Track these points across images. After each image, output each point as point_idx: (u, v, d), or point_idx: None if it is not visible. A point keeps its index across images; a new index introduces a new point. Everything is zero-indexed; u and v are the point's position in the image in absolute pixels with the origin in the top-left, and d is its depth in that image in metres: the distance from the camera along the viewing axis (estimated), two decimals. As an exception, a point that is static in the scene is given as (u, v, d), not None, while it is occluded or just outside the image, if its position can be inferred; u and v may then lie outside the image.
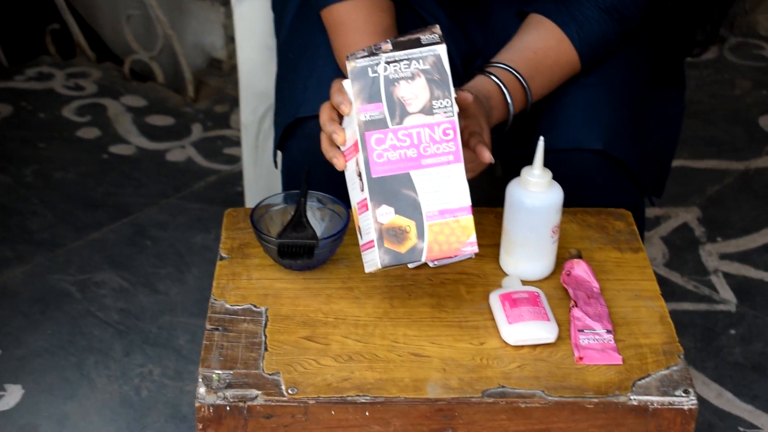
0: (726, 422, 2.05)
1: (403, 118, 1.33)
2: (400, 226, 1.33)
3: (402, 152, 1.33)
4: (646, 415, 1.33)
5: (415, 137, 1.33)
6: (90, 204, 2.61)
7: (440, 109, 1.33)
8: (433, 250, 1.34)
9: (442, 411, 1.32)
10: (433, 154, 1.33)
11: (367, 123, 1.33)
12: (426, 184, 1.33)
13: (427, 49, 1.33)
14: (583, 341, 1.38)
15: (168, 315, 2.27)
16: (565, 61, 1.63)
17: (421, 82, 1.33)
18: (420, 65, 1.32)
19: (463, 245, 1.35)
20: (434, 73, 1.33)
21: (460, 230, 1.34)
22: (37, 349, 2.16)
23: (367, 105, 1.32)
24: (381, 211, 1.34)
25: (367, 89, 1.32)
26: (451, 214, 1.34)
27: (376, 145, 1.33)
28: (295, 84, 1.69)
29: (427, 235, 1.34)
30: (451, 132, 1.33)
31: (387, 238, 1.34)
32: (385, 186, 1.33)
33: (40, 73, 3.18)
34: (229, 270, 1.50)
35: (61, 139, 2.87)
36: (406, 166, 1.33)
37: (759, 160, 2.86)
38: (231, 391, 1.31)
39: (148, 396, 2.07)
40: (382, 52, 1.33)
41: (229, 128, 2.95)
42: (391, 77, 1.32)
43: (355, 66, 1.33)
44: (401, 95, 1.32)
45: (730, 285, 2.40)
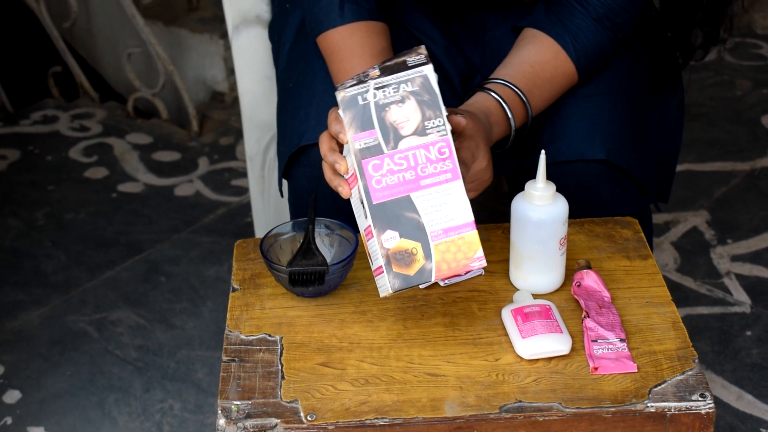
0: (747, 424, 2.05)
1: (398, 141, 1.34)
2: (406, 249, 1.34)
3: (400, 176, 1.34)
4: (664, 421, 1.33)
5: (411, 159, 1.34)
6: (102, 243, 2.63)
7: (433, 128, 1.34)
8: (442, 269, 1.35)
9: (461, 429, 1.32)
10: (431, 174, 1.34)
11: (362, 151, 1.34)
12: (427, 204, 1.34)
13: (414, 71, 1.34)
14: (597, 351, 1.39)
15: (185, 349, 2.28)
16: (563, 72, 1.64)
17: (411, 104, 1.34)
18: (409, 87, 1.34)
19: (471, 261, 1.36)
20: (423, 93, 1.34)
21: (466, 246, 1.35)
22: (58, 391, 2.18)
23: (361, 133, 1.34)
24: (386, 237, 1.35)
25: (359, 117, 1.34)
26: (455, 231, 1.35)
27: (374, 172, 1.34)
28: (296, 113, 1.70)
29: (434, 254, 1.34)
30: (446, 150, 1.35)
31: (395, 262, 1.35)
32: (387, 211, 1.34)
33: (45, 116, 3.20)
34: (242, 301, 1.51)
35: (70, 180, 2.89)
36: (406, 189, 1.34)
37: (764, 159, 2.87)
38: (251, 421, 1.32)
39: (170, 431, 2.08)
40: (370, 79, 1.35)
41: (235, 160, 2.97)
42: (381, 103, 1.34)
43: (344, 96, 1.34)
44: (393, 119, 1.34)
45: (743, 286, 2.41)
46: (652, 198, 1.74)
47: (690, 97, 3.12)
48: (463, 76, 1.75)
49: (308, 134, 1.65)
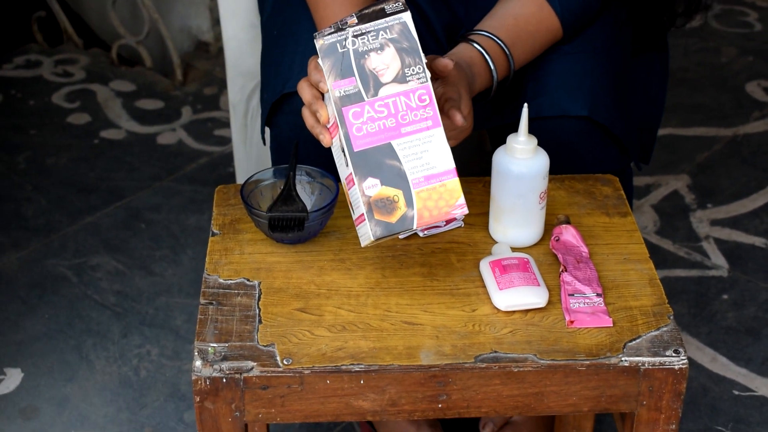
0: (721, 386, 2.07)
1: (378, 89, 1.34)
2: (387, 197, 1.35)
3: (381, 123, 1.34)
4: (637, 375, 1.34)
5: (392, 107, 1.34)
6: (83, 189, 2.62)
7: (413, 75, 1.34)
8: (423, 216, 1.35)
9: (436, 377, 1.33)
10: (412, 122, 1.34)
11: (342, 98, 1.34)
12: (408, 151, 1.34)
13: (392, 18, 1.34)
14: (574, 305, 1.40)
15: (164, 296, 2.28)
16: (546, 27, 1.64)
17: (390, 52, 1.34)
18: (387, 35, 1.34)
19: (453, 208, 1.36)
20: (402, 41, 1.34)
21: (447, 194, 1.35)
22: (36, 333, 2.18)
23: (341, 81, 1.34)
24: (367, 184, 1.35)
25: (339, 65, 1.33)
26: (436, 179, 1.35)
27: (354, 119, 1.34)
28: (279, 60, 1.70)
29: (416, 202, 1.35)
30: (426, 98, 1.35)
31: (376, 209, 1.35)
32: (368, 159, 1.34)
33: (28, 61, 3.18)
34: (221, 245, 1.51)
35: (52, 125, 2.88)
36: (387, 136, 1.34)
37: (747, 126, 2.88)
38: (227, 363, 1.32)
39: (147, 376, 2.08)
40: (348, 27, 1.34)
41: (218, 110, 2.96)
42: (361, 50, 1.33)
43: (323, 43, 1.34)
44: (372, 67, 1.34)
45: (721, 250, 2.42)
46: (633, 157, 1.74)
47: (675, 63, 3.13)
48: (447, 28, 1.75)
49: (291, 82, 1.65)
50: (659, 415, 1.38)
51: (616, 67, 1.71)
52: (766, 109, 2.95)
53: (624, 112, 1.70)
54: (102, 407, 2.02)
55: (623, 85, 1.72)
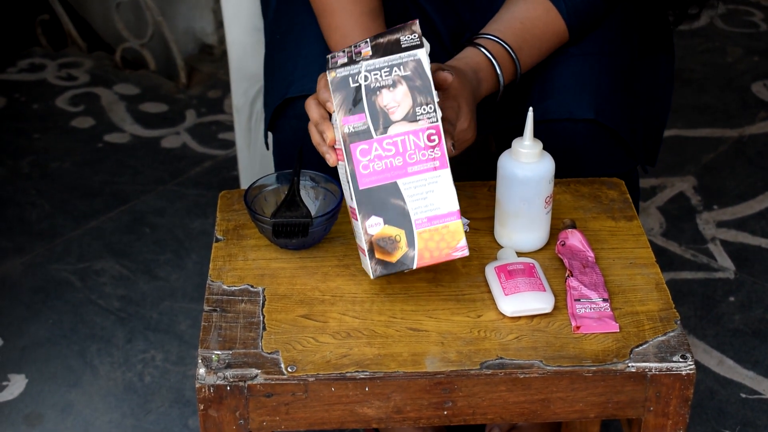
0: (728, 389, 2.06)
1: (387, 126, 1.32)
2: (390, 236, 1.35)
3: (388, 161, 1.33)
4: (644, 381, 1.34)
5: (400, 146, 1.33)
6: (87, 193, 2.61)
7: (423, 115, 1.32)
8: (424, 257, 1.36)
9: (442, 384, 1.32)
10: (419, 161, 1.33)
11: (351, 135, 1.32)
12: (414, 191, 1.34)
13: (407, 54, 1.31)
14: (580, 310, 1.39)
15: (168, 301, 2.27)
16: (553, 30, 1.63)
17: (402, 89, 1.32)
18: (401, 71, 1.31)
19: (454, 250, 1.36)
20: (416, 78, 1.31)
21: (449, 236, 1.36)
22: (40, 339, 2.17)
23: (350, 117, 1.32)
24: (370, 222, 1.34)
25: (349, 100, 1.31)
26: (439, 220, 1.35)
27: (361, 157, 1.33)
28: (282, 64, 1.69)
29: (417, 242, 1.35)
30: (435, 138, 1.33)
31: (378, 248, 1.35)
32: (372, 197, 1.34)
33: (32, 65, 3.18)
34: (225, 251, 1.50)
35: (56, 129, 2.87)
36: (393, 175, 1.33)
37: (753, 126, 2.87)
38: (231, 371, 1.31)
39: (152, 381, 2.08)
40: (362, 59, 1.32)
41: (222, 113, 2.95)
42: (373, 86, 1.31)
43: (335, 76, 1.31)
44: (384, 104, 1.32)
45: (728, 252, 2.41)
46: (640, 160, 1.73)
47: (681, 63, 3.11)
48: (453, 32, 1.74)
49: (294, 86, 1.64)
50: (666, 420, 1.37)
51: (623, 69, 1.70)
52: (772, 109, 2.95)
53: (631, 115, 1.69)
54: (106, 413, 2.01)
55: (630, 87, 1.71)
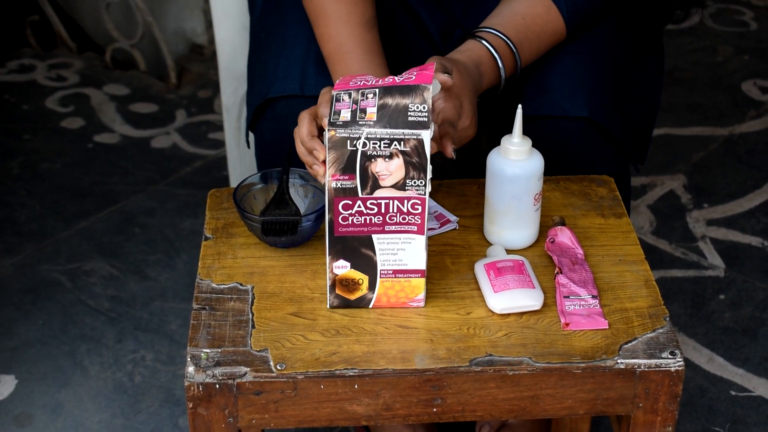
0: (718, 386, 2.06)
1: (375, 189, 1.32)
2: (353, 279, 1.38)
3: (368, 218, 1.34)
4: (633, 378, 1.34)
5: (383, 207, 1.33)
6: (77, 193, 2.61)
7: (413, 187, 1.32)
8: (381, 301, 1.39)
9: (431, 381, 1.32)
10: (398, 223, 1.34)
11: (337, 190, 1.32)
12: (385, 246, 1.36)
13: (411, 132, 1.29)
14: (569, 307, 1.39)
15: (159, 301, 2.27)
16: (552, 29, 1.64)
17: (398, 162, 1.31)
18: (400, 147, 1.30)
19: (411, 300, 1.40)
20: (413, 156, 1.30)
21: (410, 288, 1.39)
22: (30, 339, 2.17)
23: (341, 176, 1.31)
24: (338, 264, 1.37)
25: (343, 160, 1.30)
26: (404, 275, 1.38)
27: (343, 210, 1.33)
28: (265, 64, 1.69)
29: (378, 288, 1.38)
30: (419, 207, 1.34)
31: (340, 286, 1.38)
32: (345, 243, 1.35)
33: (22, 65, 3.17)
34: (214, 250, 1.50)
35: (46, 130, 2.87)
36: (370, 230, 1.35)
37: (743, 125, 2.87)
38: (220, 369, 1.31)
39: (142, 381, 2.07)
40: (365, 123, 1.29)
41: (213, 113, 2.95)
42: (369, 153, 1.30)
43: (334, 135, 1.29)
44: (376, 171, 1.31)
45: (718, 250, 2.41)
46: (632, 158, 1.73)
47: (671, 62, 3.12)
48: (443, 29, 1.74)
49: (275, 86, 1.64)
50: (656, 417, 1.37)
51: (616, 67, 1.70)
52: (762, 108, 2.95)
53: (623, 113, 1.69)
54: (96, 413, 2.01)
55: (622, 86, 1.72)
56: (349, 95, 1.32)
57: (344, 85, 1.33)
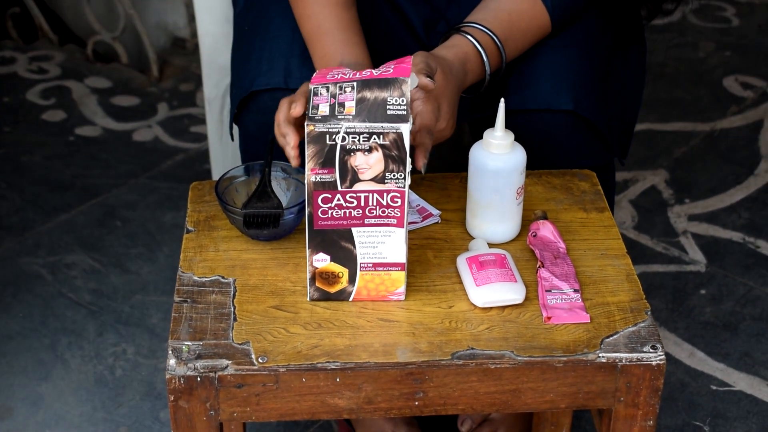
0: (699, 381, 2.07)
1: (354, 183, 1.32)
2: (333, 272, 1.38)
3: (347, 211, 1.34)
4: (615, 371, 1.34)
5: (362, 200, 1.33)
6: (58, 186, 2.60)
7: (392, 180, 1.32)
8: (361, 294, 1.39)
9: (413, 375, 1.32)
10: (378, 216, 1.34)
11: (316, 184, 1.32)
12: (365, 240, 1.36)
13: (390, 126, 1.29)
14: (551, 301, 1.39)
15: (140, 294, 2.27)
16: (537, 24, 1.63)
17: (377, 156, 1.31)
18: (379, 140, 1.30)
19: (391, 294, 1.40)
20: (393, 149, 1.30)
21: (390, 282, 1.39)
22: (10, 332, 2.16)
23: (320, 169, 1.31)
24: (318, 257, 1.37)
25: (322, 155, 1.30)
26: (384, 268, 1.38)
27: (322, 204, 1.33)
28: (248, 56, 1.68)
29: (358, 281, 1.39)
30: (399, 200, 1.34)
31: (320, 279, 1.38)
32: (325, 236, 1.35)
33: (3, 58, 3.16)
34: (195, 243, 1.50)
35: (26, 122, 2.86)
36: (349, 223, 1.35)
37: (724, 120, 2.88)
38: (201, 362, 1.31)
39: (123, 375, 2.07)
40: (343, 118, 1.29)
41: (195, 106, 2.94)
42: (348, 147, 1.30)
43: (313, 130, 1.29)
44: (355, 164, 1.31)
45: (699, 246, 2.42)
46: (616, 152, 1.73)
47: (653, 58, 3.13)
48: (426, 22, 1.73)
49: (259, 79, 1.64)
50: (637, 411, 1.37)
51: (600, 61, 1.71)
52: (743, 104, 2.96)
53: (607, 107, 1.70)
54: (77, 406, 2.00)
55: (606, 80, 1.72)
56: (327, 89, 1.32)
57: (321, 78, 1.33)
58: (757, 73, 3.10)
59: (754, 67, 3.13)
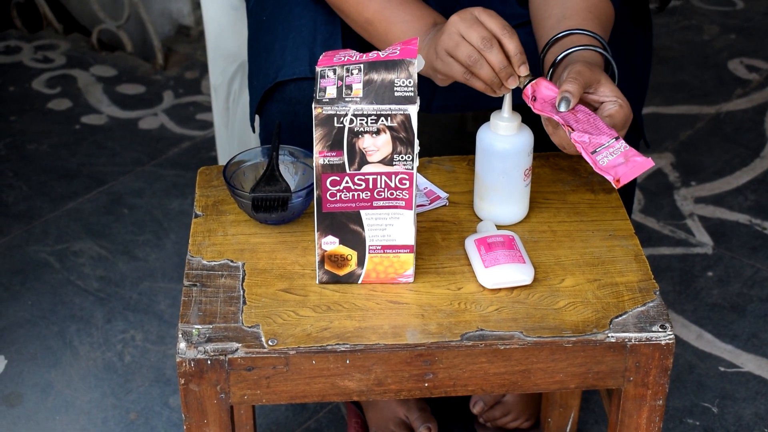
0: (707, 362, 2.07)
1: (362, 165, 1.33)
2: (342, 254, 1.38)
3: (356, 194, 1.34)
4: (624, 351, 1.34)
5: (371, 182, 1.34)
6: (65, 175, 2.60)
7: (400, 162, 1.33)
8: (370, 276, 1.40)
9: (422, 356, 1.32)
10: (386, 198, 1.35)
11: (324, 166, 1.32)
12: (374, 222, 1.36)
13: (398, 108, 1.29)
14: (603, 161, 1.32)
15: (148, 281, 2.27)
16: (611, 14, 1.59)
17: (385, 138, 1.31)
18: (387, 122, 1.30)
19: (400, 276, 1.40)
20: (401, 131, 1.31)
21: (398, 264, 1.39)
22: (19, 320, 2.16)
23: (328, 152, 1.31)
24: (326, 240, 1.37)
25: (330, 137, 1.31)
26: (393, 250, 1.38)
27: (331, 186, 1.34)
28: (270, 47, 1.67)
29: (367, 264, 1.39)
30: (407, 182, 1.34)
31: (329, 262, 1.39)
32: (334, 219, 1.36)
33: (8, 47, 3.16)
34: (204, 227, 1.50)
35: (33, 111, 2.86)
36: (358, 206, 1.35)
37: (730, 103, 2.88)
38: (211, 345, 1.31)
39: (132, 361, 2.07)
40: (351, 100, 1.29)
41: (200, 94, 2.94)
42: (356, 130, 1.30)
43: (320, 113, 1.29)
44: (363, 146, 1.31)
45: (705, 228, 2.42)
46: (642, 133, 1.73)
47: (658, 41, 3.12)
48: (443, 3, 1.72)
49: (284, 70, 1.62)
50: (646, 390, 1.37)
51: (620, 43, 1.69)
52: (748, 86, 2.95)
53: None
54: (86, 393, 2.01)
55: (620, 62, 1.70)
56: (333, 71, 1.32)
57: (328, 61, 1.33)
58: (762, 55, 3.10)
59: (759, 49, 3.13)
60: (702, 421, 1.95)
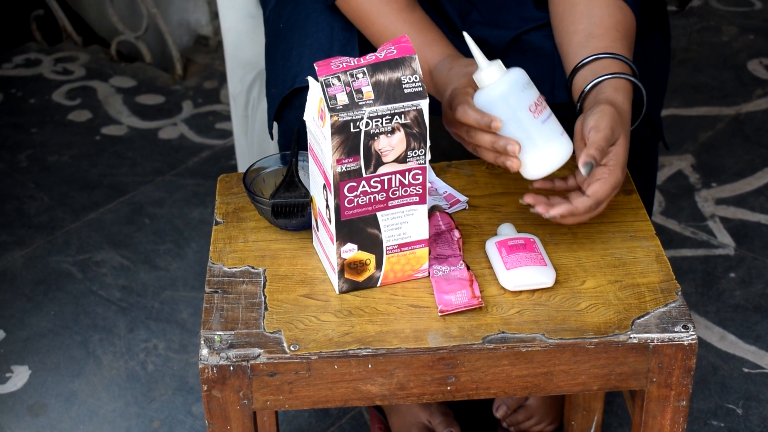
0: (730, 364, 2.06)
1: (378, 167, 1.33)
2: (361, 260, 1.38)
3: (372, 197, 1.35)
4: (646, 352, 1.34)
5: (386, 183, 1.34)
6: (86, 185, 2.62)
7: (413, 158, 1.34)
8: (388, 277, 1.41)
9: (444, 359, 1.32)
10: (401, 196, 1.36)
11: (342, 174, 1.33)
12: (390, 222, 1.37)
13: (410, 104, 1.30)
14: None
15: (169, 290, 2.28)
16: (634, 26, 1.58)
17: (399, 136, 1.32)
18: (401, 120, 1.31)
19: (416, 272, 1.41)
20: (414, 126, 1.31)
21: (415, 260, 1.40)
22: (42, 330, 2.18)
23: (346, 159, 1.32)
24: (345, 248, 1.37)
25: (347, 144, 1.31)
26: (409, 247, 1.39)
27: (348, 193, 1.34)
28: (287, 54, 1.67)
29: (385, 266, 1.40)
30: (420, 177, 1.35)
31: (348, 270, 1.39)
32: (351, 226, 1.36)
33: (28, 60, 3.18)
34: (225, 234, 1.50)
35: (53, 123, 2.87)
36: (375, 208, 1.36)
37: (749, 104, 2.87)
38: (233, 351, 1.31)
39: (155, 370, 2.08)
40: (364, 103, 1.30)
41: (219, 103, 2.95)
42: (372, 132, 1.31)
43: (337, 121, 1.29)
44: (379, 148, 1.32)
45: (727, 229, 2.41)
46: (662, 135, 1.72)
47: (676, 43, 3.12)
48: (460, 9, 1.72)
49: (301, 76, 1.63)
50: (669, 391, 1.37)
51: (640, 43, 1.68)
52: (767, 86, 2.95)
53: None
54: (110, 402, 2.01)
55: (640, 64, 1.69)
56: (338, 78, 1.32)
57: (326, 69, 1.32)
58: (781, 55, 3.09)
59: (778, 50, 3.12)
60: (727, 423, 1.94)
